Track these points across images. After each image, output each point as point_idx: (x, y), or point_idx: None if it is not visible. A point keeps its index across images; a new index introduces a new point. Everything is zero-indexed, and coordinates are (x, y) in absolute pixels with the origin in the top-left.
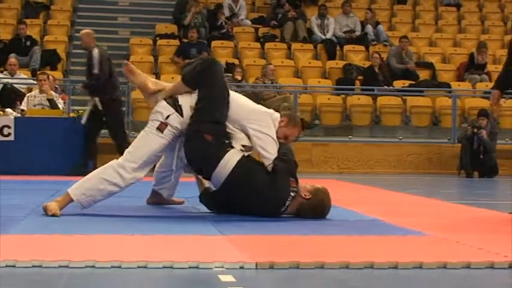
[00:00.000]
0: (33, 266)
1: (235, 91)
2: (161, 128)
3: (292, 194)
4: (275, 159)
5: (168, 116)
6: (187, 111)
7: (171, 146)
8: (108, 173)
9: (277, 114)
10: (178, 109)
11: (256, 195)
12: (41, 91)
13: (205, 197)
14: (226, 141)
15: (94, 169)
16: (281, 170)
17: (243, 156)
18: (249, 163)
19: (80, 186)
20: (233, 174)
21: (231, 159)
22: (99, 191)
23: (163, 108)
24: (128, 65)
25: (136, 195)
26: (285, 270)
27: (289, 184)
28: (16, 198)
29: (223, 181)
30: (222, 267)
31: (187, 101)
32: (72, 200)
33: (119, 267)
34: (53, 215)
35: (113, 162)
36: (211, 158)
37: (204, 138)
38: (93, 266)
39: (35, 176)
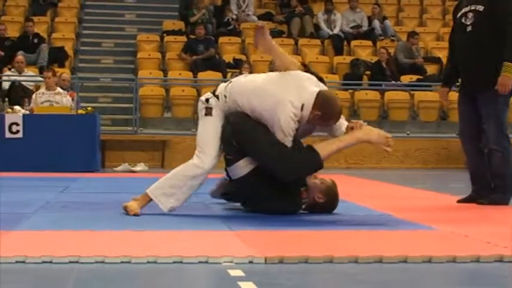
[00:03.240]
0: (43, 262)
1: None
2: (208, 112)
3: (303, 206)
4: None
5: (207, 100)
6: (222, 98)
7: None
8: (185, 169)
9: (307, 100)
10: (215, 95)
11: (266, 206)
12: (47, 87)
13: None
14: None
15: None
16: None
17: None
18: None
19: (159, 186)
20: (248, 177)
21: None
22: (179, 189)
23: (203, 97)
24: (263, 27)
25: (144, 190)
26: (294, 264)
27: (301, 197)
28: (25, 195)
29: (237, 178)
30: (231, 262)
31: (222, 90)
32: (151, 200)
33: (129, 262)
34: (134, 215)
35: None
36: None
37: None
38: (102, 262)
39: (44, 173)
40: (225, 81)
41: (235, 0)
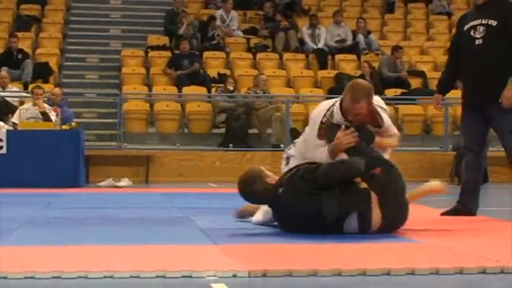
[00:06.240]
0: (26, 278)
1: (227, 102)
2: (287, 162)
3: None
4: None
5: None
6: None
7: None
8: None
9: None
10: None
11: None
12: (34, 104)
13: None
14: None
15: None
16: None
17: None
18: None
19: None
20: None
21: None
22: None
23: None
24: None
25: (128, 205)
26: (277, 278)
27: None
28: (9, 210)
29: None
30: (215, 275)
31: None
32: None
33: (112, 277)
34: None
35: None
36: None
37: None
38: (85, 277)
39: (28, 189)
40: (209, 96)
41: (220, 15)
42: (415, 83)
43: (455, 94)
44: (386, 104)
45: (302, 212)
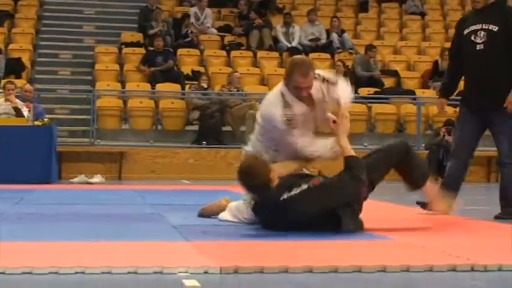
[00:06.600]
0: None
1: (201, 99)
2: None
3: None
4: None
5: None
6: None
7: None
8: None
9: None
10: None
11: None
12: (6, 99)
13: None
14: None
15: None
16: None
17: None
18: None
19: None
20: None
21: None
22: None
23: None
24: None
25: (100, 202)
26: (249, 274)
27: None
28: None
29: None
30: (187, 272)
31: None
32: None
33: (83, 273)
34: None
35: None
36: None
37: None
38: (56, 273)
39: None
40: (183, 93)
41: (194, 12)
42: (388, 82)
43: (428, 93)
44: (360, 102)
45: (309, 217)
